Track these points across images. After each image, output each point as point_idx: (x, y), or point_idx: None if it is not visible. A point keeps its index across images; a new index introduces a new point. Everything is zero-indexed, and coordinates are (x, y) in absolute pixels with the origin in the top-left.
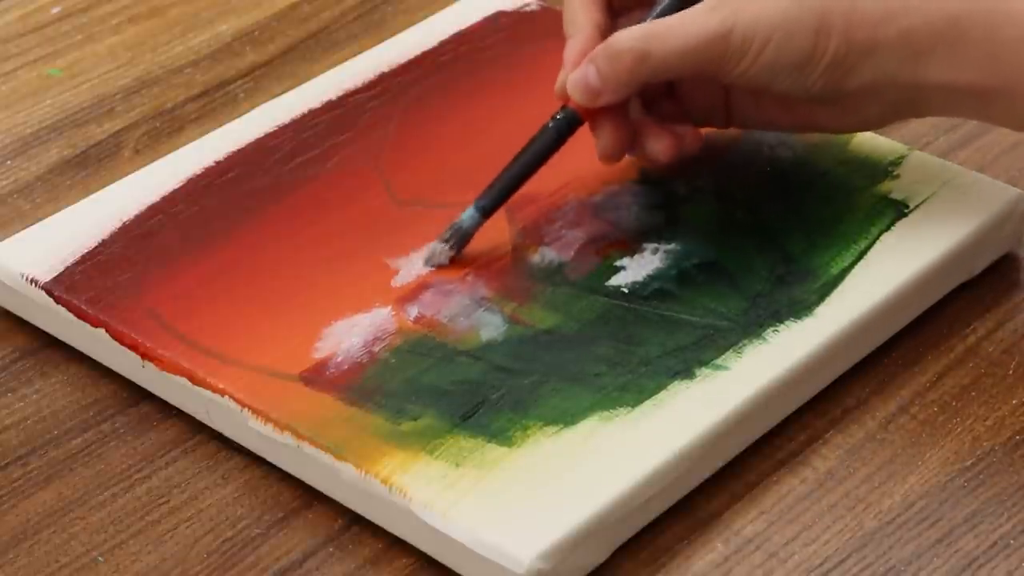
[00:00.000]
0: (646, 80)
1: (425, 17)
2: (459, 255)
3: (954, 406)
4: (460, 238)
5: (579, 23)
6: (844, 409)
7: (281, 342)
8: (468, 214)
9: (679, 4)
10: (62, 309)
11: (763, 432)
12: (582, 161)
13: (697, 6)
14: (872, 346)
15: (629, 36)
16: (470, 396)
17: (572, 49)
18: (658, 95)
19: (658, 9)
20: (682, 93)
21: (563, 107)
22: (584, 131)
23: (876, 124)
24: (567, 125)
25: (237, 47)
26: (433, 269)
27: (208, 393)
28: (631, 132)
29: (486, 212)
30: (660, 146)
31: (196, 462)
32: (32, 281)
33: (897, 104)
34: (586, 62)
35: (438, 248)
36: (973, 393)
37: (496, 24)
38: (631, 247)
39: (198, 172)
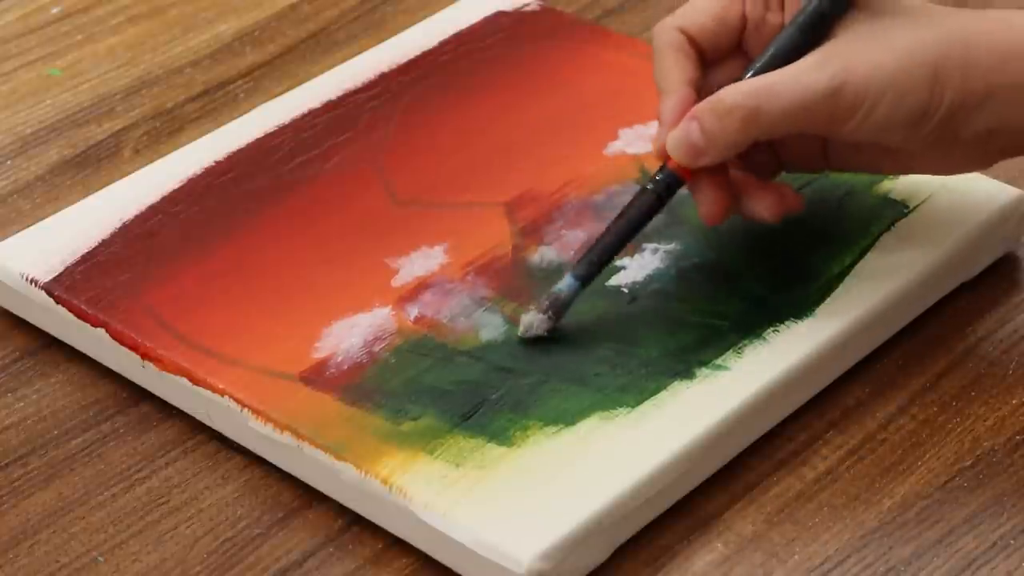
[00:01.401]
0: (755, 139)
1: (425, 17)
2: (558, 324)
3: (954, 406)
4: (559, 308)
5: (672, 80)
6: (844, 409)
7: (281, 342)
8: (566, 283)
9: (782, 56)
10: (62, 309)
11: (763, 432)
12: (582, 161)
13: (805, 60)
14: (872, 346)
15: (738, 92)
16: (470, 396)
17: (668, 107)
18: (752, 145)
19: (761, 61)
20: (777, 141)
21: (662, 167)
22: (581, 121)
23: (980, 167)
24: (667, 188)
25: (237, 47)
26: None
27: (208, 393)
28: (733, 193)
29: (584, 280)
30: (763, 205)
31: (196, 462)
32: (32, 281)
33: (1005, 148)
34: (688, 119)
35: (536, 319)
36: (973, 393)
37: (496, 24)
38: (631, 247)
39: (198, 172)
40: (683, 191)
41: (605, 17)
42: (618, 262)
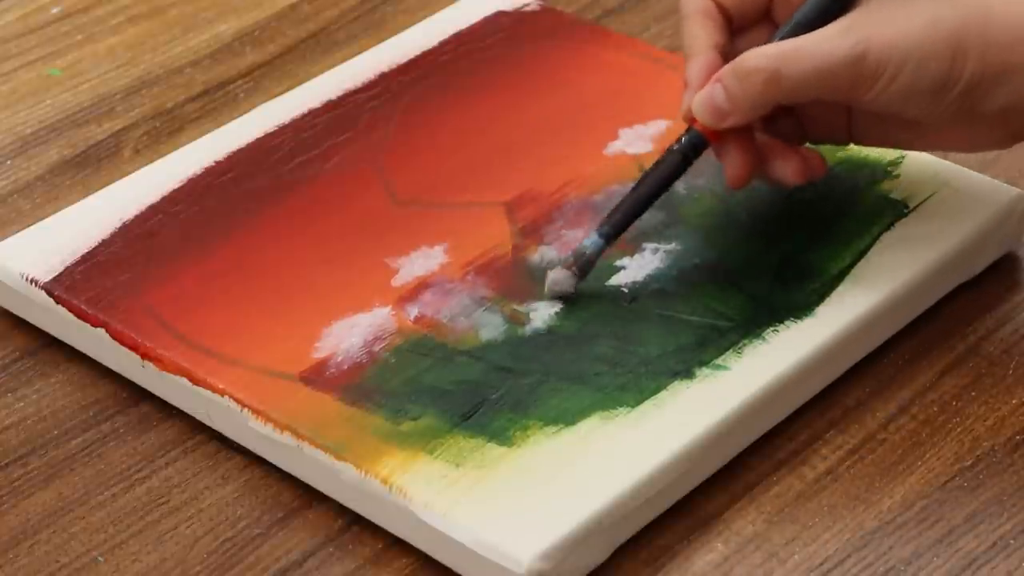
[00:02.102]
0: (776, 102)
1: (425, 17)
2: (582, 281)
3: (954, 406)
4: (583, 264)
5: (699, 43)
6: (844, 409)
7: (281, 342)
8: (591, 240)
9: (806, 24)
10: (62, 309)
11: (763, 432)
12: (582, 161)
13: (828, 27)
14: (872, 346)
15: (761, 55)
16: (470, 396)
17: (694, 70)
18: (777, 112)
19: (785, 29)
20: (802, 111)
21: (688, 129)
22: (581, 121)
23: (1001, 145)
24: (693, 148)
25: (237, 47)
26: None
27: (208, 393)
28: (758, 155)
29: (609, 238)
30: (789, 169)
31: (196, 462)
32: (32, 281)
33: None
34: (712, 82)
35: (561, 275)
36: (973, 393)
37: (496, 24)
38: (631, 247)
39: (198, 172)
40: (683, 192)
41: (605, 17)
42: (618, 262)
